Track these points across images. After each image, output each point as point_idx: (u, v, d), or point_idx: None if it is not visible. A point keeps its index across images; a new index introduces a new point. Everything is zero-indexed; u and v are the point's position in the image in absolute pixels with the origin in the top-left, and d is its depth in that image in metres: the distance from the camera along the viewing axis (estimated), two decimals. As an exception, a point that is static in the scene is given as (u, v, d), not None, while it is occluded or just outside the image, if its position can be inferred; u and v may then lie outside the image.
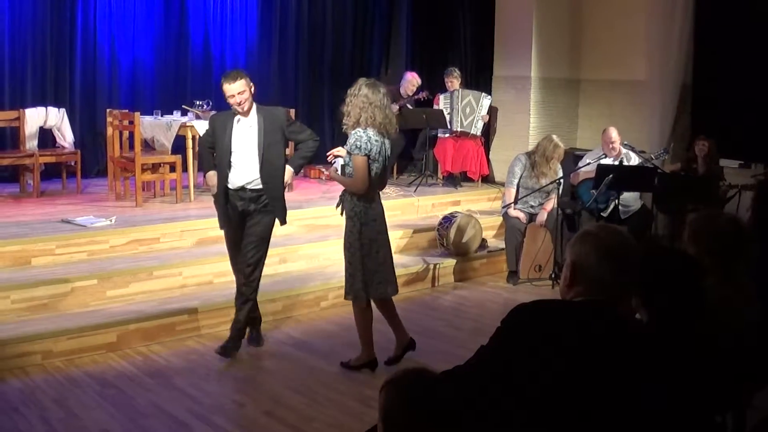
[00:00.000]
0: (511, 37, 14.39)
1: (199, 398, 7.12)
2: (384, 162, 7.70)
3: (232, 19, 15.50)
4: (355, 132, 7.47)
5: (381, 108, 7.48)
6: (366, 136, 7.43)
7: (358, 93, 7.49)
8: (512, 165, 11.32)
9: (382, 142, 7.57)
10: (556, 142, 11.01)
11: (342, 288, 9.82)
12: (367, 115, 7.45)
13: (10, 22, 13.09)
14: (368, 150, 7.44)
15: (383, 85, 7.71)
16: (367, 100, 7.44)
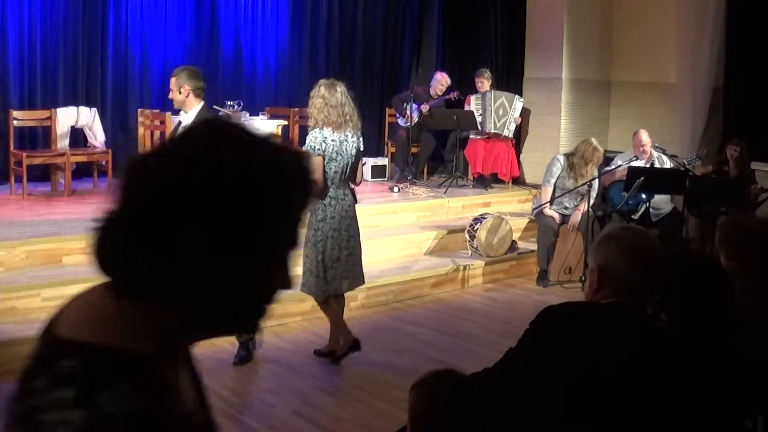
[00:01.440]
0: (542, 39, 14.35)
1: (229, 398, 7.14)
2: (348, 159, 7.83)
3: (263, 20, 15.52)
4: (312, 132, 7.69)
5: (336, 107, 7.66)
6: (321, 137, 7.63)
7: (316, 94, 7.73)
8: (550, 165, 11.28)
9: (341, 140, 7.73)
10: (596, 145, 10.96)
11: (370, 288, 9.89)
12: (324, 116, 7.65)
13: (41, 22, 13.14)
14: (323, 150, 7.61)
15: (341, 84, 7.88)
16: (323, 101, 7.66)
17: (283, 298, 6.45)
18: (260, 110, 13.17)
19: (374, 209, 11.84)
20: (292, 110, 13.74)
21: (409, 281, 10.50)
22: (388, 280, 10.35)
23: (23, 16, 12.88)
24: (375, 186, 13.82)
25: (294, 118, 13.52)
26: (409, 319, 9.61)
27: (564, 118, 14.16)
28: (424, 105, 14.11)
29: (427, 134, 14.27)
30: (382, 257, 10.97)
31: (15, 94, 12.91)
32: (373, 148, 15.93)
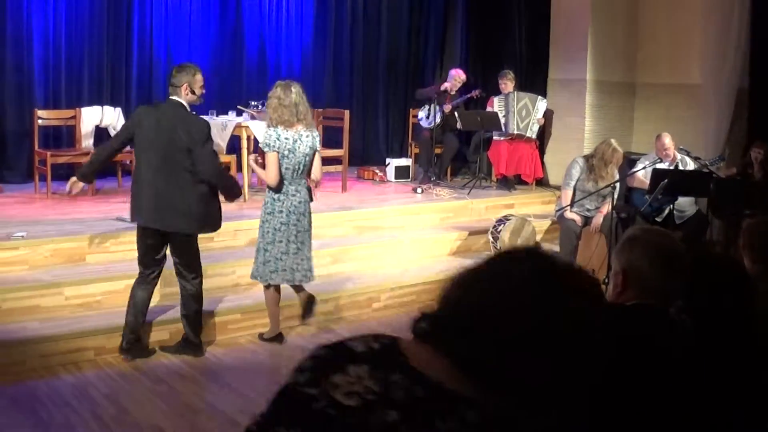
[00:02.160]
0: (566, 40, 14.31)
1: (251, 396, 7.14)
2: (301, 158, 8.16)
3: (287, 21, 15.54)
4: (267, 130, 8.15)
5: (289, 106, 8.04)
6: (275, 134, 8.03)
7: (273, 95, 8.16)
8: (569, 167, 11.23)
9: (294, 139, 8.09)
10: (615, 146, 10.90)
11: (394, 289, 9.89)
12: (277, 115, 8.06)
13: (66, 22, 13.21)
14: (276, 147, 8.01)
15: (297, 85, 8.30)
16: (278, 101, 8.07)
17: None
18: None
19: (397, 210, 11.85)
20: (315, 111, 13.71)
21: (432, 282, 10.46)
22: (411, 281, 10.35)
23: (48, 16, 12.96)
24: (398, 187, 13.83)
25: (318, 119, 13.52)
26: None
27: (588, 120, 14.11)
28: (446, 105, 14.09)
29: (451, 135, 14.26)
30: (405, 258, 10.98)
31: (40, 93, 13.00)
32: (396, 149, 15.96)
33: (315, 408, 1.70)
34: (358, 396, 1.69)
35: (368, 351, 1.81)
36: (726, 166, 12.52)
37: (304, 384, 1.76)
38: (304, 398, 1.73)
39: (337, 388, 1.71)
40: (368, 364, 1.75)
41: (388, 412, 1.66)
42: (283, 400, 1.80)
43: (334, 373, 1.74)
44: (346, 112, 13.06)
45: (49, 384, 7.33)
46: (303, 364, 1.82)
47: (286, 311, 8.96)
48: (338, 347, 1.85)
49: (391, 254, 10.91)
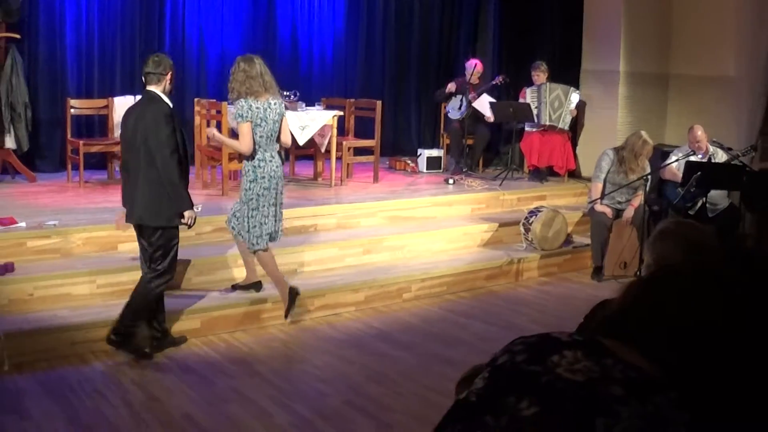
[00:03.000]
0: (599, 31, 14.23)
1: (281, 385, 7.17)
2: (273, 125, 8.51)
3: (319, 11, 15.54)
4: (238, 102, 8.40)
5: (256, 77, 8.39)
6: (247, 105, 8.33)
7: (237, 69, 8.46)
8: (599, 160, 11.19)
9: (265, 107, 8.42)
10: (645, 138, 10.85)
11: (425, 279, 9.91)
12: (246, 87, 8.36)
13: (99, 11, 13.26)
14: (250, 117, 8.34)
15: (258, 57, 8.68)
16: (244, 74, 8.38)
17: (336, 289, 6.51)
18: (316, 101, 13.18)
19: (429, 201, 11.84)
20: (348, 101, 13.74)
21: (462, 273, 10.48)
22: (442, 271, 10.34)
23: (80, 6, 13.02)
24: (430, 177, 13.80)
25: (350, 109, 13.52)
26: (461, 311, 9.60)
27: (621, 112, 14.04)
28: (472, 94, 14.07)
29: (482, 125, 14.22)
30: (436, 249, 10.97)
31: (72, 83, 13.06)
32: (428, 140, 15.94)
33: (543, 381, 1.87)
34: (581, 373, 1.86)
35: (574, 340, 1.99)
36: (759, 158, 12.43)
37: (522, 362, 1.94)
38: (527, 374, 1.91)
39: (558, 366, 1.89)
40: (580, 350, 1.93)
41: (612, 387, 1.84)
42: (502, 375, 1.97)
43: (550, 354, 1.92)
44: (378, 103, 13.03)
45: (80, 371, 7.38)
46: (513, 348, 2.00)
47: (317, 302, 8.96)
48: (544, 336, 2.03)
49: (422, 245, 10.90)
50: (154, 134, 7.40)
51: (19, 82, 11.82)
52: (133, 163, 7.56)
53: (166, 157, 7.42)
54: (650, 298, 2.09)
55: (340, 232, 10.67)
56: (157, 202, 7.51)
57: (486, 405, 1.96)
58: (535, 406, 1.86)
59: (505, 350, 2.04)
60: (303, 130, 11.84)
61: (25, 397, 6.80)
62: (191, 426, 6.34)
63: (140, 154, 7.45)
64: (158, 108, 7.51)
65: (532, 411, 1.86)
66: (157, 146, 7.39)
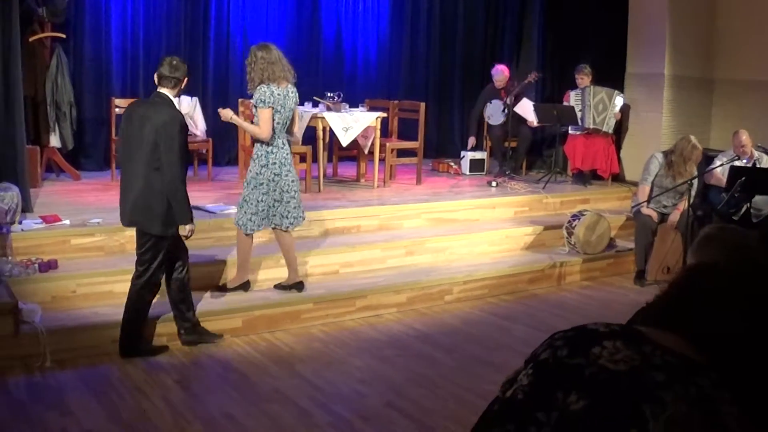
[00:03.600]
0: (644, 34, 14.14)
1: (321, 386, 7.16)
2: (289, 112, 8.69)
3: (364, 12, 15.56)
4: (259, 88, 8.46)
5: (277, 63, 8.53)
6: (269, 91, 8.43)
7: (256, 59, 8.54)
8: (648, 162, 11.10)
9: (284, 94, 8.55)
10: (695, 143, 10.76)
11: (467, 282, 9.89)
12: (268, 73, 8.47)
13: (144, 11, 13.34)
14: (272, 102, 8.43)
15: (272, 44, 8.91)
16: (264, 60, 8.49)
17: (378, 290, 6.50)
18: (360, 102, 13.17)
19: (472, 203, 11.81)
20: (391, 103, 13.73)
21: (504, 276, 10.44)
22: (484, 274, 10.30)
23: (126, 6, 13.10)
24: (473, 180, 13.77)
25: (394, 111, 13.51)
26: (503, 314, 9.56)
27: (665, 115, 13.93)
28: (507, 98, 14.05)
29: (525, 127, 14.19)
30: (479, 251, 10.94)
31: (117, 82, 13.15)
32: (471, 142, 15.92)
33: (587, 373, 1.94)
34: (623, 362, 1.94)
35: (612, 330, 2.05)
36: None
37: (566, 356, 2.01)
38: (571, 367, 1.98)
39: (600, 357, 1.96)
40: (619, 339, 2.00)
41: (655, 373, 1.92)
42: (547, 371, 2.03)
43: (591, 346, 1.99)
44: (422, 105, 13.00)
45: (121, 368, 7.40)
46: (554, 343, 2.07)
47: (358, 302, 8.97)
48: (582, 329, 2.10)
49: (465, 247, 10.88)
50: (168, 143, 7.32)
51: (64, 81, 11.90)
52: (134, 163, 7.45)
53: (176, 168, 7.39)
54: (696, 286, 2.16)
55: (383, 234, 10.67)
56: (154, 208, 7.44)
57: (535, 402, 2.00)
58: (583, 400, 1.92)
59: (546, 345, 2.09)
60: (346, 131, 11.84)
61: (66, 394, 6.83)
62: (231, 425, 6.35)
63: (145, 156, 7.35)
64: (174, 115, 7.47)
65: (581, 405, 1.92)
66: (168, 156, 7.32)
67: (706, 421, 1.91)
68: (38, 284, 8.19)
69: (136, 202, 7.46)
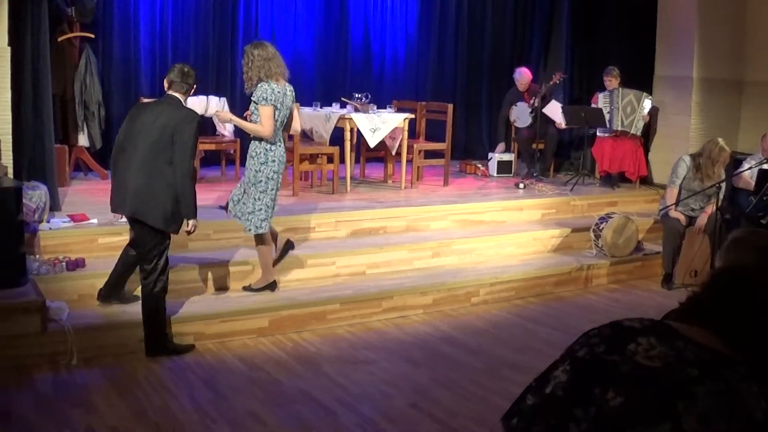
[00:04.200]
0: (672, 37, 14.06)
1: (347, 387, 7.15)
2: (287, 111, 8.67)
3: (392, 13, 15.56)
4: (260, 86, 8.42)
5: (273, 59, 8.49)
6: (270, 88, 8.40)
7: (253, 57, 8.45)
8: (676, 165, 11.05)
9: (283, 92, 8.53)
10: (722, 145, 10.71)
11: (493, 284, 9.85)
12: (266, 70, 8.43)
13: (173, 12, 13.39)
14: (273, 100, 8.39)
15: (266, 41, 8.92)
16: (261, 58, 8.43)
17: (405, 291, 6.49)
18: (387, 103, 13.17)
19: (499, 205, 11.78)
20: (419, 104, 13.72)
21: (531, 278, 10.42)
22: (511, 276, 10.28)
23: (154, 6, 13.15)
24: (500, 182, 13.74)
25: (421, 112, 13.50)
26: (530, 316, 9.54)
27: (694, 118, 13.85)
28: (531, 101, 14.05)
29: (551, 128, 14.16)
30: (506, 253, 10.92)
31: (145, 82, 13.22)
32: (499, 144, 15.88)
33: (624, 370, 2.04)
34: (658, 359, 2.04)
35: (645, 327, 2.17)
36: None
37: (603, 353, 2.12)
38: (608, 364, 2.08)
39: (636, 354, 2.07)
40: (653, 336, 2.11)
41: (688, 369, 2.01)
42: (585, 367, 2.14)
43: (627, 343, 2.10)
44: (449, 106, 12.97)
45: (148, 367, 7.42)
46: (590, 340, 2.21)
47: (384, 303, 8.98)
48: (617, 326, 2.22)
49: (491, 249, 10.85)
50: (185, 139, 7.39)
51: (92, 81, 11.94)
52: (137, 155, 7.41)
53: (188, 163, 7.46)
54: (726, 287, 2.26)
55: (410, 235, 10.66)
56: (159, 201, 7.42)
57: (573, 398, 2.10)
58: (620, 396, 2.02)
59: (583, 342, 2.22)
60: (374, 132, 11.84)
61: (92, 392, 6.86)
62: (257, 424, 6.35)
63: (157, 150, 7.37)
64: (192, 114, 7.61)
65: (618, 401, 2.01)
66: (182, 151, 7.37)
67: (735, 413, 1.97)
68: (65, 282, 8.24)
69: (139, 192, 7.40)
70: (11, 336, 7.26)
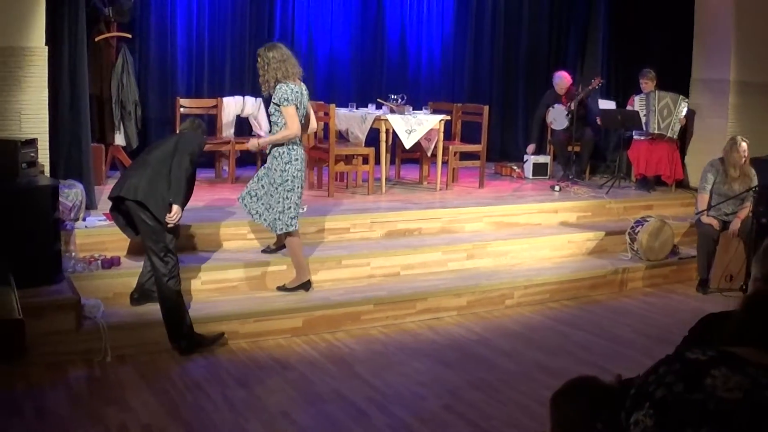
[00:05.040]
0: (710, 40, 13.96)
1: (380, 387, 7.15)
2: (304, 108, 8.74)
3: (428, 14, 15.56)
4: (279, 87, 8.48)
5: (288, 60, 8.58)
6: (289, 89, 8.47)
7: (269, 60, 8.53)
8: (705, 171, 10.98)
9: (300, 91, 8.61)
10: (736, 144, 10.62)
11: (528, 286, 9.82)
12: (283, 71, 8.50)
13: (210, 12, 13.46)
14: (294, 100, 8.48)
15: (279, 43, 9.00)
16: (276, 60, 8.51)
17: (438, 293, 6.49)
18: (423, 105, 13.17)
19: (534, 207, 11.74)
20: (455, 105, 13.69)
21: (566, 281, 10.38)
22: (546, 279, 10.25)
23: (191, 6, 13.23)
24: (536, 184, 13.71)
25: (457, 114, 13.47)
26: (564, 319, 9.50)
27: (730, 121, 13.74)
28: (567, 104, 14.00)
29: (588, 130, 14.10)
30: (540, 256, 10.88)
31: (182, 82, 13.30)
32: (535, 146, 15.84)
33: (711, 408, 2.07)
34: (737, 390, 2.07)
35: (711, 358, 2.19)
36: None
37: (684, 392, 2.14)
38: (694, 403, 2.10)
39: (716, 389, 2.09)
40: (723, 366, 2.14)
41: (766, 393, 2.06)
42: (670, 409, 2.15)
43: (702, 377, 2.13)
44: (485, 108, 12.94)
45: (181, 365, 7.46)
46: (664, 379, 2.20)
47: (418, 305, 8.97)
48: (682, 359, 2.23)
49: (526, 251, 10.82)
50: (187, 146, 7.82)
51: (129, 80, 12.00)
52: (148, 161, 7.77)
53: (186, 159, 7.74)
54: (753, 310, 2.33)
55: (444, 237, 10.64)
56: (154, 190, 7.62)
57: None
58: None
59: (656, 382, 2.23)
60: (410, 133, 11.84)
61: (125, 389, 6.89)
62: (289, 424, 6.36)
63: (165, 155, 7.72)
64: (198, 138, 8.19)
65: None
66: (183, 151, 7.74)
67: None
68: (100, 280, 8.29)
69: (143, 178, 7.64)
70: (46, 333, 7.30)
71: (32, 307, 7.15)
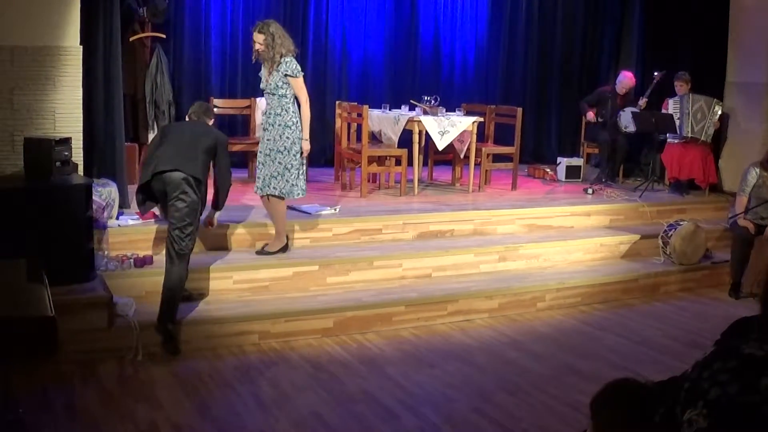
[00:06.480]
0: (745, 43, 13.85)
1: (410, 389, 7.15)
2: None
3: (462, 16, 15.55)
4: (288, 60, 8.80)
5: (285, 35, 8.93)
6: (294, 61, 8.82)
7: (273, 34, 8.78)
8: (745, 173, 10.90)
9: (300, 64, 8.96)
10: None
11: (560, 289, 9.79)
12: (287, 45, 8.84)
13: (243, 13, 13.49)
14: (301, 70, 8.89)
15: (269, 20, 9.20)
16: (278, 35, 8.80)
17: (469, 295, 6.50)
18: (457, 106, 13.15)
19: (567, 210, 11.70)
20: (488, 107, 13.68)
21: (598, 285, 10.33)
22: (578, 282, 10.21)
23: (225, 7, 13.28)
24: (569, 187, 13.67)
25: (490, 115, 13.46)
26: (596, 323, 9.46)
27: (765, 125, 13.62)
28: (641, 99, 13.92)
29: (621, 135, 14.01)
30: (573, 259, 10.84)
31: (216, 82, 13.36)
32: (568, 149, 15.80)
33: (765, 412, 2.06)
34: None
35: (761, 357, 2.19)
36: None
37: (738, 394, 2.12)
38: (749, 406, 2.09)
39: None
40: None
41: None
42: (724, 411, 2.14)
43: (759, 377, 2.11)
44: (519, 110, 12.92)
45: (212, 364, 7.48)
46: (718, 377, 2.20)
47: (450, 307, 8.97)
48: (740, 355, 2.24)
49: (558, 254, 10.78)
50: (226, 152, 8.39)
51: (163, 80, 12.07)
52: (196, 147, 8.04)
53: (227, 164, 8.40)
54: None
55: (477, 239, 10.63)
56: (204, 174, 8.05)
57: None
58: None
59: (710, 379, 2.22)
60: (443, 135, 11.84)
61: (156, 387, 6.92)
62: (319, 424, 6.36)
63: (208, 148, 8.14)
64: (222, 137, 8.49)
65: None
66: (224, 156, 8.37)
67: None
68: (133, 279, 8.33)
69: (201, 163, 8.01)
70: (78, 330, 7.34)
71: (65, 304, 7.16)
